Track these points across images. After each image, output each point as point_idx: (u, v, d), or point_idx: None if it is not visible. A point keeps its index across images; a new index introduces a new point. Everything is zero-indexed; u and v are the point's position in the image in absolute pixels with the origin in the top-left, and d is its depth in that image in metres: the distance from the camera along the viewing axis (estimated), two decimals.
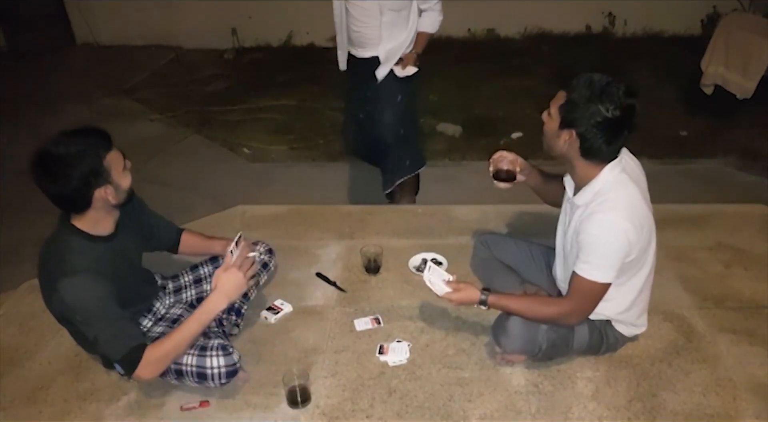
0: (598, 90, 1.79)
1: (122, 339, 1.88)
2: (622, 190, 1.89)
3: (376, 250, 2.66)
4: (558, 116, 1.88)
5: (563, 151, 1.92)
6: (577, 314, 2.00)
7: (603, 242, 1.86)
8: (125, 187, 1.94)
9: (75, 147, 1.81)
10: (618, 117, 1.79)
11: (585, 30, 6.52)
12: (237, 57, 6.71)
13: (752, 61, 4.33)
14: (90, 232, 1.94)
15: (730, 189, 4.02)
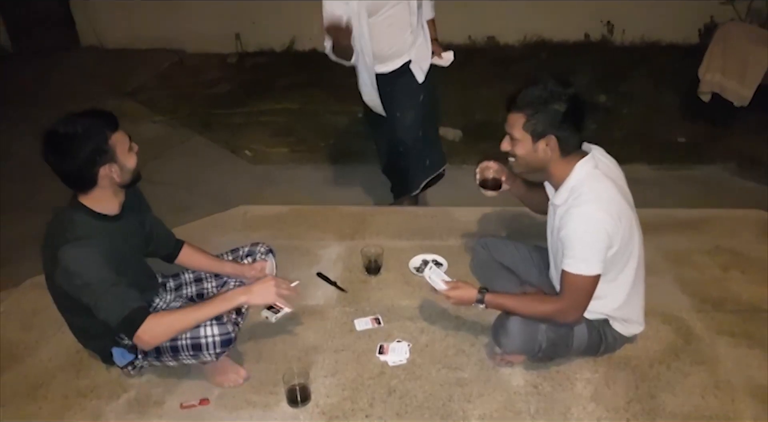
0: (545, 94, 1.94)
1: (122, 301, 1.89)
2: (595, 184, 1.98)
3: (376, 251, 2.68)
4: (527, 134, 1.98)
5: (544, 160, 2.02)
6: (572, 311, 2.02)
7: (581, 234, 1.94)
8: (130, 167, 1.99)
9: (81, 126, 1.88)
10: (571, 106, 1.93)
11: (584, 38, 6.55)
12: (240, 61, 6.75)
13: (749, 70, 4.35)
14: (95, 209, 1.99)
15: (728, 194, 4.03)
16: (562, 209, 2.00)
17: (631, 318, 2.18)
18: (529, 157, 2.03)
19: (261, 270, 2.38)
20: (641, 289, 2.17)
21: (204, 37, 6.82)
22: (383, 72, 3.19)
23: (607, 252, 1.95)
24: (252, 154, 4.83)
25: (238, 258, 2.49)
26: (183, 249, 2.40)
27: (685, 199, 3.93)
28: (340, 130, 5.09)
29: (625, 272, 2.07)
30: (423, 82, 3.22)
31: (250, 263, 2.47)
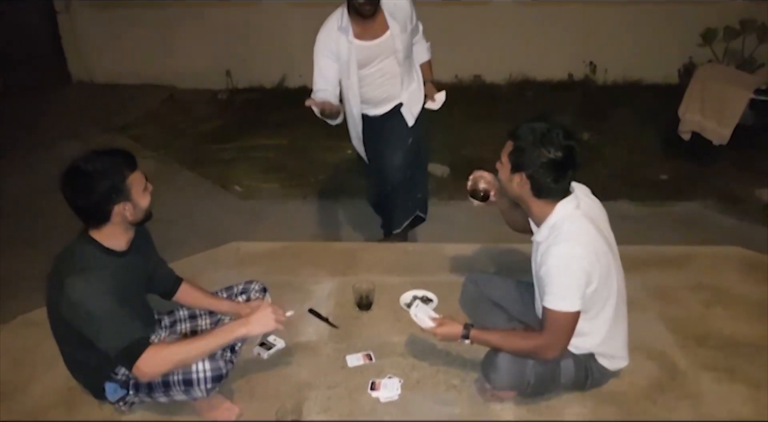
0: (539, 135, 1.99)
1: (124, 331, 1.93)
2: (574, 224, 2.04)
3: (368, 287, 2.73)
4: (508, 163, 2.06)
5: (517, 193, 2.10)
6: (553, 347, 2.06)
7: (560, 271, 1.99)
8: (143, 207, 2.06)
9: (101, 164, 1.96)
10: (560, 157, 1.98)
11: (567, 77, 6.73)
12: (231, 97, 6.84)
13: (727, 110, 4.51)
14: (104, 244, 2.04)
15: (709, 231, 4.12)
16: (543, 246, 2.07)
17: (615, 354, 2.24)
18: (505, 184, 2.14)
19: (256, 309, 2.41)
20: (623, 325, 2.22)
21: (195, 73, 6.92)
22: (374, 114, 3.30)
23: (586, 290, 2.01)
24: (242, 189, 4.87)
25: (233, 295, 2.53)
26: (181, 287, 2.44)
27: (669, 236, 4.02)
28: (330, 165, 5.16)
29: (606, 309, 2.13)
30: (413, 125, 3.31)
31: (244, 301, 2.51)
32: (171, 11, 6.77)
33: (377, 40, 3.11)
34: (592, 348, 2.20)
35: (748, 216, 4.25)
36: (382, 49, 3.13)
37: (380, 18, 3.08)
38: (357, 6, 3.00)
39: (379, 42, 3.11)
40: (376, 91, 3.25)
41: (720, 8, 6.18)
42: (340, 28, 3.09)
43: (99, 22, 6.96)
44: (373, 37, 3.10)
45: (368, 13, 3.02)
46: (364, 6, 2.99)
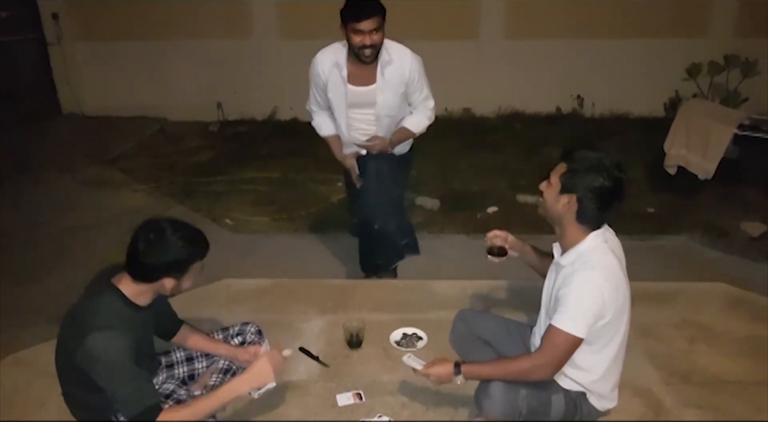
0: (595, 162, 2.08)
1: (140, 397, 1.96)
2: (602, 255, 2.10)
3: (358, 325, 2.75)
4: (559, 183, 2.13)
5: (561, 213, 2.15)
6: (547, 366, 2.08)
7: (581, 294, 2.04)
8: (186, 288, 2.12)
9: (183, 239, 2.00)
10: (610, 186, 2.06)
11: (555, 111, 6.85)
12: (221, 129, 6.88)
13: (711, 145, 4.59)
14: (129, 297, 2.06)
15: (695, 265, 4.17)
16: (568, 270, 2.12)
17: (606, 394, 2.26)
18: (550, 204, 2.17)
19: (254, 355, 2.44)
20: (620, 366, 2.26)
21: (186, 105, 6.98)
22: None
23: (598, 322, 2.06)
24: (233, 222, 4.88)
25: (228, 337, 2.56)
26: (181, 329, 2.47)
27: (656, 269, 4.06)
28: (320, 198, 5.19)
29: (610, 346, 2.17)
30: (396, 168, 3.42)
31: (239, 343, 2.54)
32: (162, 44, 6.86)
33: (367, 88, 3.17)
34: (587, 385, 2.23)
35: (734, 249, 4.31)
36: (369, 97, 3.20)
37: (375, 68, 3.14)
38: (357, 52, 3.06)
39: (367, 90, 3.18)
40: (355, 133, 3.33)
41: (705, 44, 6.37)
42: (336, 64, 3.16)
43: (90, 55, 7.03)
44: (365, 84, 3.17)
45: (368, 61, 3.08)
46: (365, 54, 3.05)
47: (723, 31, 6.47)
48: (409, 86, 3.23)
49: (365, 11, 2.97)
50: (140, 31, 6.82)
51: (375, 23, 2.98)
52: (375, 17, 2.98)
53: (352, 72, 3.15)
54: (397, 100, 3.25)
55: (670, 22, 6.47)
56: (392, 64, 3.16)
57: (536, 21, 6.59)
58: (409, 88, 3.25)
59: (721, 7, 6.45)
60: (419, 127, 3.40)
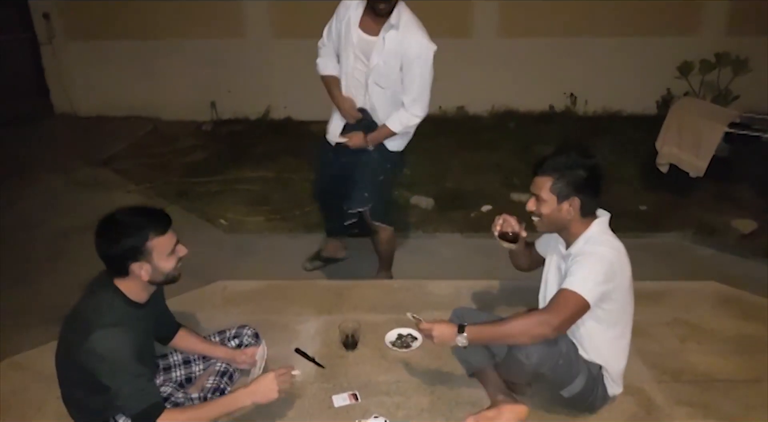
0: (569, 160, 2.22)
1: (143, 394, 1.99)
2: (608, 237, 2.27)
3: (353, 326, 2.77)
4: (552, 195, 2.22)
5: (567, 219, 2.25)
6: (550, 323, 2.11)
7: (590, 263, 2.15)
8: (164, 270, 2.09)
9: (129, 220, 2.02)
10: (593, 174, 2.22)
11: (549, 109, 6.88)
12: (215, 129, 6.88)
13: (703, 143, 4.63)
14: (128, 295, 2.08)
15: (687, 262, 4.21)
16: (578, 253, 2.22)
17: (616, 378, 2.36)
18: (553, 216, 2.25)
19: (251, 356, 2.47)
20: (627, 351, 2.37)
21: (179, 104, 6.98)
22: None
23: (605, 290, 2.15)
24: (227, 223, 4.89)
25: (225, 339, 2.58)
26: (179, 333, 2.49)
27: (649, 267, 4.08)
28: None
29: (619, 327, 2.31)
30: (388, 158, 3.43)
31: (236, 345, 2.57)
32: (155, 43, 6.87)
33: (369, 37, 3.16)
34: (606, 362, 2.31)
35: (726, 247, 4.36)
36: (368, 48, 3.17)
37: (384, 24, 3.12)
38: (373, 3, 3.06)
39: (368, 40, 3.16)
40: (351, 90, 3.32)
41: (696, 42, 6.41)
42: (359, 4, 3.18)
43: (82, 54, 7.02)
44: (371, 34, 3.16)
45: (382, 12, 3.06)
46: (378, 6, 3.05)
47: (714, 28, 6.52)
48: (404, 68, 3.15)
49: None
50: (133, 31, 6.83)
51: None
52: None
53: (364, 19, 3.16)
54: (390, 74, 3.17)
55: (662, 20, 6.51)
56: (397, 31, 3.10)
57: (529, 20, 6.62)
58: (403, 71, 3.16)
59: (712, 5, 6.50)
60: (397, 126, 3.27)
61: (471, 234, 4.62)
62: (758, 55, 6.04)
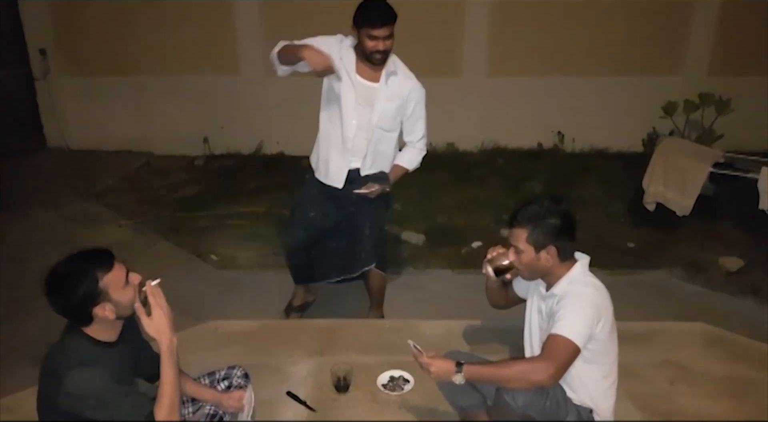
0: (542, 210, 2.29)
1: (138, 408, 1.99)
2: (591, 279, 2.33)
3: (345, 369, 2.77)
4: (529, 246, 2.28)
5: (547, 267, 2.31)
6: (545, 369, 2.12)
7: (576, 307, 2.19)
8: (126, 302, 2.06)
9: (73, 268, 1.99)
10: (565, 220, 2.28)
11: (537, 146, 6.97)
12: (207, 163, 6.90)
13: (688, 182, 4.71)
14: (95, 337, 2.06)
15: (675, 300, 4.24)
16: (562, 294, 2.27)
17: (607, 415, 2.37)
18: (533, 265, 2.32)
19: (238, 400, 2.46)
20: (615, 388, 2.40)
21: (172, 139, 6.99)
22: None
23: (593, 333, 2.18)
24: (218, 259, 4.89)
25: (215, 381, 2.56)
26: None
27: (637, 306, 4.12)
28: None
29: (606, 366, 2.33)
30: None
31: (225, 387, 2.55)
32: (148, 79, 6.90)
33: (371, 84, 3.18)
34: (592, 403, 2.33)
35: (713, 284, 4.41)
36: (371, 95, 3.18)
37: (382, 71, 3.17)
38: (368, 54, 3.08)
39: (371, 87, 3.18)
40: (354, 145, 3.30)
41: (680, 81, 6.56)
42: (350, 46, 3.15)
43: (77, 89, 7.05)
44: (372, 81, 3.18)
45: (378, 62, 3.11)
46: (376, 58, 3.08)
47: (697, 69, 6.66)
48: (406, 110, 3.29)
49: (382, 18, 3.01)
50: (127, 67, 6.87)
51: (390, 30, 3.05)
52: (391, 24, 3.04)
53: (359, 66, 3.16)
54: (393, 116, 3.26)
55: (647, 61, 6.65)
56: (397, 76, 3.21)
57: (517, 59, 6.74)
58: (406, 112, 3.30)
59: (695, 46, 6.65)
60: (413, 164, 3.50)
61: (462, 270, 4.65)
62: (740, 95, 6.16)
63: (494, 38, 6.67)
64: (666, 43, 6.64)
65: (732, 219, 5.12)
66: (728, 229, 5.08)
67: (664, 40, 6.63)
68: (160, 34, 6.71)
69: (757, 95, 6.50)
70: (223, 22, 6.74)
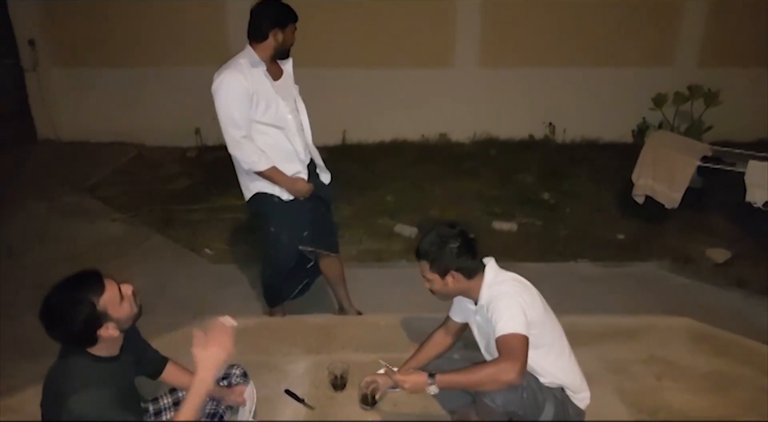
0: (437, 238, 2.43)
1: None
2: (503, 276, 2.45)
3: (342, 367, 2.83)
4: (434, 274, 2.44)
5: (457, 288, 2.45)
6: (510, 367, 2.20)
7: (504, 304, 2.30)
8: (126, 316, 2.08)
9: (67, 300, 1.97)
10: (462, 242, 2.41)
11: (528, 137, 7.02)
12: (200, 155, 6.90)
13: (677, 176, 4.78)
14: (97, 354, 2.08)
15: (662, 292, 4.31)
16: (488, 301, 2.38)
17: (579, 387, 2.48)
18: (443, 290, 2.48)
19: (239, 395, 2.52)
20: (575, 362, 2.51)
21: (163, 131, 6.97)
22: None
23: (527, 318, 2.28)
24: (213, 252, 4.91)
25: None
26: (167, 367, 2.50)
27: (626, 296, 4.20)
28: None
29: (555, 345, 2.44)
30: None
31: (225, 386, 2.60)
32: (139, 70, 6.88)
33: (281, 80, 3.21)
34: (561, 380, 2.44)
35: (700, 276, 4.48)
36: (286, 87, 3.23)
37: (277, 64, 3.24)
38: (289, 47, 3.18)
39: (283, 80, 3.22)
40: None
41: (670, 73, 6.63)
42: (254, 63, 3.10)
43: (67, 81, 7.02)
44: (277, 79, 3.20)
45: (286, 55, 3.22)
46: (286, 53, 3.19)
47: (688, 60, 6.73)
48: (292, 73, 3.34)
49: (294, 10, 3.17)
50: (117, 58, 6.84)
51: None
52: None
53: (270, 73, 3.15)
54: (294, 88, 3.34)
55: (637, 52, 6.71)
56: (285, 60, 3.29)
57: (509, 50, 6.78)
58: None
59: (686, 38, 6.71)
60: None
61: None
62: (729, 87, 6.24)
63: (486, 29, 6.70)
64: (656, 34, 6.69)
65: (719, 212, 5.22)
66: (716, 221, 5.17)
67: (654, 31, 6.68)
68: (151, 25, 6.70)
69: (746, 87, 6.58)
70: (214, 12, 6.71)
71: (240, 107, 3.07)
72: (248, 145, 3.15)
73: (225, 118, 3.12)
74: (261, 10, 3.11)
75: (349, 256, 4.54)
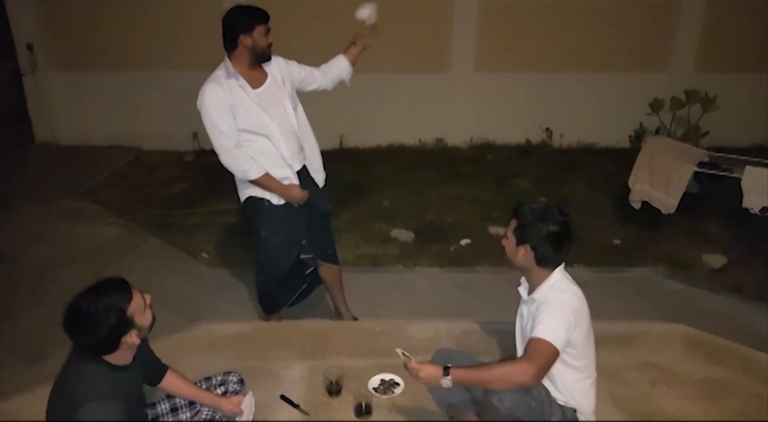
0: (539, 213, 2.37)
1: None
2: (569, 285, 2.40)
3: (338, 373, 2.84)
4: (513, 237, 2.38)
5: (522, 262, 2.39)
6: (528, 370, 2.21)
7: (556, 310, 2.28)
8: (147, 324, 2.14)
9: (100, 305, 2.01)
10: (558, 231, 2.34)
11: (525, 142, 7.03)
12: (197, 159, 6.90)
13: (673, 181, 4.78)
14: (112, 362, 2.11)
15: (658, 297, 4.31)
16: (541, 299, 2.36)
17: (589, 414, 2.47)
18: (511, 256, 2.44)
19: (237, 405, 2.52)
20: (595, 389, 2.50)
21: (161, 135, 6.98)
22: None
23: (570, 336, 2.26)
24: (209, 256, 4.91)
25: (212, 386, 2.63)
26: (167, 376, 2.52)
27: (621, 301, 4.21)
28: None
29: (585, 370, 2.42)
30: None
31: (222, 393, 2.61)
32: (137, 74, 6.89)
33: (264, 86, 3.19)
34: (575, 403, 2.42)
35: (696, 282, 4.48)
36: (271, 92, 3.21)
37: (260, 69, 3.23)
38: (263, 50, 3.15)
39: (266, 86, 3.20)
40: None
41: (667, 78, 6.65)
42: (229, 75, 3.13)
43: (65, 85, 7.03)
44: (260, 85, 3.19)
45: (270, 54, 3.20)
46: (269, 49, 3.18)
47: (684, 65, 6.76)
48: (292, 76, 3.35)
49: (263, 11, 3.15)
50: (115, 62, 6.85)
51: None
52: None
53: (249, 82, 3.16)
54: (292, 94, 3.32)
55: (634, 57, 6.74)
56: (269, 62, 3.27)
57: (505, 55, 6.79)
58: (293, 77, 3.36)
59: (682, 43, 6.74)
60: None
61: (450, 268, 4.70)
62: (726, 93, 6.25)
63: (483, 34, 6.72)
64: (653, 40, 6.72)
65: (716, 217, 5.23)
66: (712, 227, 5.17)
67: (651, 36, 6.71)
68: (149, 29, 6.71)
69: (742, 92, 6.59)
70: (211, 17, 6.70)
71: (224, 117, 3.14)
72: (239, 155, 3.21)
73: (212, 130, 3.20)
74: (227, 20, 3.16)
75: (346, 261, 4.52)
